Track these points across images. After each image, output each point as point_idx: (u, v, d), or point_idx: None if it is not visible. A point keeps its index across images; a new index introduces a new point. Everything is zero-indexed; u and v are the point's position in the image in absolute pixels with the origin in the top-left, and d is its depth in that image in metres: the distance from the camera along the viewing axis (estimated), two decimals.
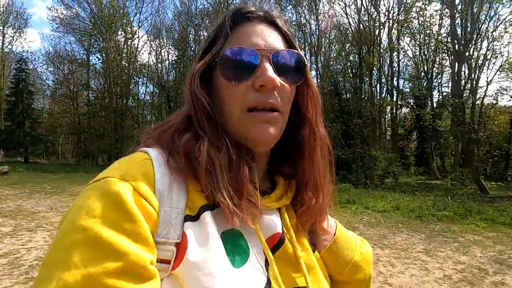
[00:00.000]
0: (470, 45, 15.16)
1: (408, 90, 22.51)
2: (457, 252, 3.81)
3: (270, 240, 0.40)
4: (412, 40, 21.19)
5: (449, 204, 6.50)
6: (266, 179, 0.46)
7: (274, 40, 0.40)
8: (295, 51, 0.41)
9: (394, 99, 20.82)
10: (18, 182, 9.24)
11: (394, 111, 20.45)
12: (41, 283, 0.27)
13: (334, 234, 0.48)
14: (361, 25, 17.94)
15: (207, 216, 0.35)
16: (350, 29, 18.81)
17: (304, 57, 0.42)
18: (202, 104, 0.39)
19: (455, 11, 14.88)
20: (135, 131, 21.33)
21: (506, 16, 16.54)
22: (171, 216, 0.33)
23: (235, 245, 0.36)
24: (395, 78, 21.41)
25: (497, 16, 16.25)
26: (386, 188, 10.14)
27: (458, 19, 14.85)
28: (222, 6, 18.93)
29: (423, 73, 21.79)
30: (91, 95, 22.28)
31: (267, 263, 0.37)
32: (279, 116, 0.40)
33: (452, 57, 17.14)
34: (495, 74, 27.06)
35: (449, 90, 20.44)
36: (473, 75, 16.94)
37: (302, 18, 20.55)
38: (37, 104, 23.91)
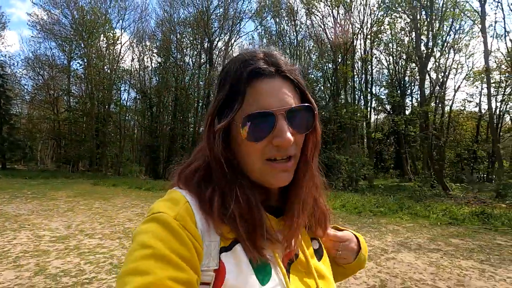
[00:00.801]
0: (431, 58, 16.70)
1: (384, 96, 24.09)
2: (373, 239, 4.62)
3: (287, 256, 0.46)
4: (386, 50, 22.81)
5: (388, 202, 7.42)
6: (279, 197, 0.50)
7: (288, 96, 0.43)
8: (306, 104, 0.45)
9: (371, 106, 22.32)
10: None
11: (367, 117, 21.76)
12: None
13: (358, 250, 0.58)
14: (337, 36, 19.18)
15: (238, 247, 0.42)
16: (326, 39, 20.04)
17: (314, 106, 0.46)
18: (221, 163, 0.44)
19: (418, 25, 16.40)
20: (117, 136, 21.56)
21: (469, 29, 18.23)
22: (211, 248, 0.41)
23: (260, 267, 0.42)
24: (372, 85, 22.90)
25: (461, 29, 18.01)
26: (360, 190, 10.98)
27: (425, 32, 16.32)
28: (203, 16, 19.70)
29: (396, 81, 23.36)
30: (72, 100, 22.30)
31: (286, 277, 0.44)
32: (294, 160, 0.45)
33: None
34: (461, 82, 29.30)
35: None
36: (441, 82, 18.60)
37: (282, 29, 21.69)
38: (15, 109, 23.58)
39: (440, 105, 19.64)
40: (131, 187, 10.92)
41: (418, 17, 15.81)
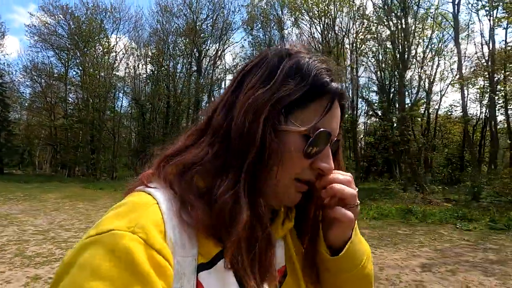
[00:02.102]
0: (412, 67, 17.66)
1: (375, 101, 25.03)
2: None
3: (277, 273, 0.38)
4: (374, 57, 23.77)
5: None
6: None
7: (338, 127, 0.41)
8: (339, 140, 0.42)
9: (362, 111, 23.32)
10: None
11: (351, 123, 22.63)
12: None
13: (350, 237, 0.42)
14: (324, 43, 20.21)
15: (222, 263, 0.33)
16: (314, 48, 20.95)
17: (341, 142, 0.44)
18: (273, 158, 0.35)
19: (394, 36, 17.37)
20: (110, 142, 22.43)
21: (451, 37, 19.02)
22: (184, 266, 0.31)
23: None
24: (357, 91, 23.87)
25: (445, 37, 18.90)
26: None
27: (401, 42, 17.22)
28: (194, 24, 20.71)
29: (385, 88, 24.25)
30: (68, 107, 23.21)
31: None
32: None
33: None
34: (446, 89, 30.29)
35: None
36: (426, 87, 19.52)
37: (270, 38, 22.67)
38: (14, 115, 24.50)
39: (425, 111, 20.48)
40: (116, 190, 11.73)
41: (400, 27, 16.75)
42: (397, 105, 24.53)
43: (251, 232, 0.35)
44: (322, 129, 0.37)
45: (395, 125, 18.13)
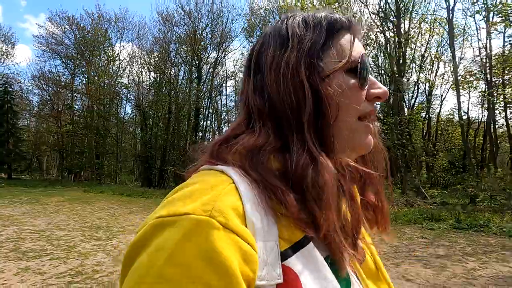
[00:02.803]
0: (403, 74, 17.97)
1: (377, 105, 25.13)
2: None
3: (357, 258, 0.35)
4: (373, 63, 23.98)
5: None
6: None
7: None
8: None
9: None
10: None
11: None
12: None
13: None
14: None
15: (310, 245, 0.30)
16: None
17: None
18: (331, 106, 0.34)
19: (388, 44, 17.71)
20: (114, 148, 23.15)
21: (448, 41, 19.19)
22: (267, 251, 0.28)
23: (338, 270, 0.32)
24: None
25: (443, 42, 19.11)
26: None
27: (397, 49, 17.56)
28: (195, 32, 21.37)
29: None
30: (74, 114, 24.09)
31: (358, 279, 0.34)
32: None
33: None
34: (447, 92, 30.31)
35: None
36: (426, 91, 19.67)
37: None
38: (22, 121, 25.51)
39: (426, 114, 20.63)
40: (115, 193, 12.24)
41: (395, 33, 17.05)
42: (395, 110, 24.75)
43: (337, 194, 0.32)
44: (362, 53, 0.37)
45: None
